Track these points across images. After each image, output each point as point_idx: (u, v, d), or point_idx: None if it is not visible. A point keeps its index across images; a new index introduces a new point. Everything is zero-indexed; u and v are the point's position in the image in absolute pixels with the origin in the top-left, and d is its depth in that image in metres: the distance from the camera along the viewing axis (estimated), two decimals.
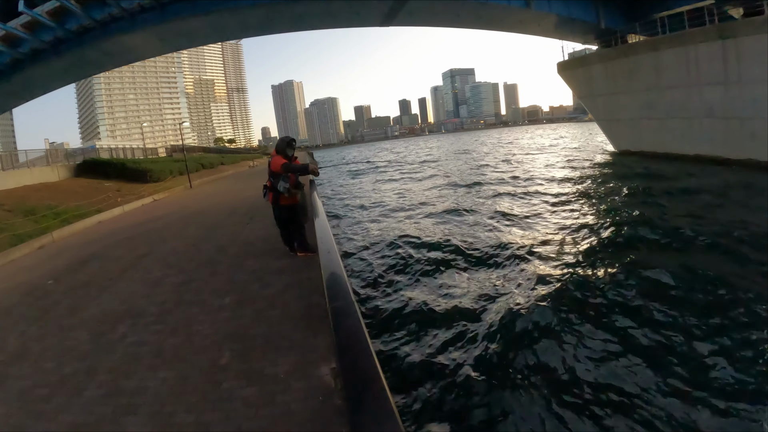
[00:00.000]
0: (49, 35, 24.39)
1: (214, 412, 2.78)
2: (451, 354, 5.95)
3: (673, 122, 24.42)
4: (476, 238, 11.89)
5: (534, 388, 4.96)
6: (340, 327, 1.10)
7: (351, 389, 0.86)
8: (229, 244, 8.09)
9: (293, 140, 6.11)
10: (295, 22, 29.10)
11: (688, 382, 4.80)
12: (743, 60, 19.29)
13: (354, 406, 0.82)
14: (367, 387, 0.86)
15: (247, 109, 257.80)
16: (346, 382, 0.90)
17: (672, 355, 5.39)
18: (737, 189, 15.23)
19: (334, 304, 1.18)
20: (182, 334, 4.15)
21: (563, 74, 33.59)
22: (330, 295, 1.24)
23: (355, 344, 1.00)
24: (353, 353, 1.00)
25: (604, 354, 5.53)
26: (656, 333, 5.95)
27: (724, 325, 5.97)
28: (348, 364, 0.95)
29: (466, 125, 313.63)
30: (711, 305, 6.59)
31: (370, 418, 0.77)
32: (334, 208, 20.61)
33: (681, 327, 6.05)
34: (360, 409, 0.81)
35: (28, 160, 23.57)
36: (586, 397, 4.71)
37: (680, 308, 6.53)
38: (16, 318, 5.50)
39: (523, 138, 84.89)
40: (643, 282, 7.73)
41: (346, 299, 1.27)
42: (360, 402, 0.81)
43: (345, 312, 1.19)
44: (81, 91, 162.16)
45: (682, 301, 6.85)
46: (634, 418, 4.34)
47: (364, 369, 0.92)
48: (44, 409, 3.17)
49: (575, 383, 5.00)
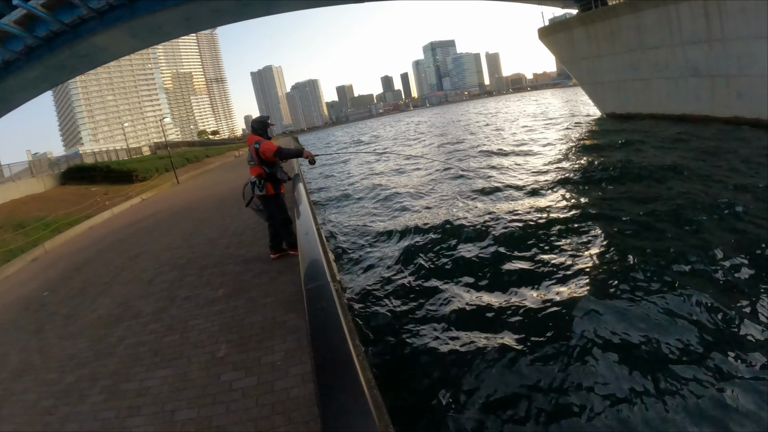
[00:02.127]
0: (19, 44, 23.72)
1: (214, 405, 2.83)
2: (440, 334, 5.84)
3: (658, 82, 24.36)
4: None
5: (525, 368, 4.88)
6: (313, 310, 1.09)
7: (321, 374, 0.85)
8: (219, 236, 8.11)
9: (268, 117, 5.49)
10: (269, 6, 28.56)
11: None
12: (726, 17, 19.09)
13: (324, 393, 0.82)
14: (341, 373, 0.85)
15: (228, 99, 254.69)
16: (317, 368, 0.89)
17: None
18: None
19: (308, 286, 1.18)
20: (178, 330, 4.19)
21: (545, 40, 33.24)
22: (306, 277, 1.23)
23: (327, 327, 0.99)
24: (325, 337, 0.99)
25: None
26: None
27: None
28: (319, 347, 0.94)
29: (450, 98, 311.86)
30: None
31: (340, 407, 0.76)
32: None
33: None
34: (331, 396, 0.80)
35: (12, 174, 23.15)
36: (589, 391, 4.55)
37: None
38: (16, 333, 5.51)
39: (509, 107, 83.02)
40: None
41: (322, 280, 1.27)
42: (330, 388, 0.81)
43: (319, 294, 1.18)
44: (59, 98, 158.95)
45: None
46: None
47: (336, 352, 0.91)
48: (50, 420, 3.20)
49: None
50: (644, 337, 5.03)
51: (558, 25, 32.28)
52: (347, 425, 0.69)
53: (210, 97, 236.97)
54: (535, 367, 4.81)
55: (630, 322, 5.36)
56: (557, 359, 4.87)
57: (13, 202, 18.90)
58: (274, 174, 5.13)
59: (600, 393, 4.31)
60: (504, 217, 10.44)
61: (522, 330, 5.59)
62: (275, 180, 5.16)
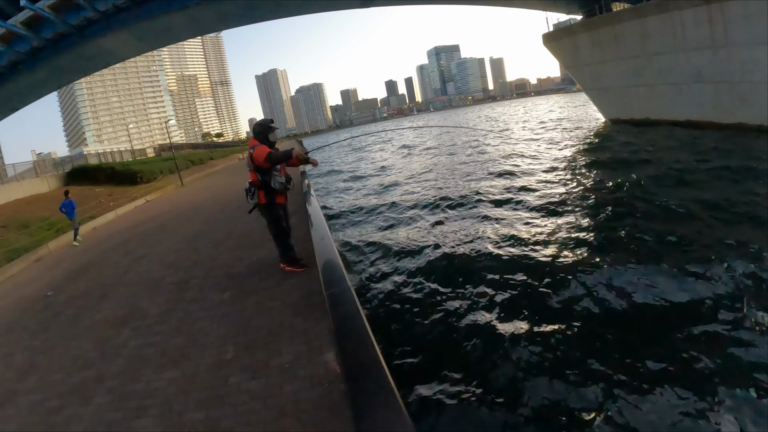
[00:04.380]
0: (26, 45, 23.84)
1: (223, 407, 2.83)
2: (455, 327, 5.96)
3: (662, 88, 24.39)
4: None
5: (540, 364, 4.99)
6: (337, 314, 1.07)
7: (351, 376, 0.84)
8: (224, 238, 8.11)
9: (272, 121, 5.05)
10: (275, 10, 28.61)
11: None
12: (729, 24, 19.14)
13: (355, 392, 0.80)
14: (368, 372, 0.85)
15: (232, 102, 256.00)
16: (346, 369, 0.87)
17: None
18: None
19: (329, 291, 1.15)
20: (185, 332, 4.18)
21: (549, 45, 33.33)
22: (325, 281, 1.20)
23: (352, 330, 0.97)
24: (351, 339, 0.97)
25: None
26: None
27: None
28: (347, 350, 0.92)
29: (454, 102, 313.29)
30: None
31: (371, 403, 0.75)
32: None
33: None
34: (361, 395, 0.79)
35: (17, 174, 23.28)
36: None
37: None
38: (20, 333, 5.47)
39: (516, 113, 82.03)
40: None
41: (342, 285, 1.24)
42: (360, 388, 0.80)
43: (341, 299, 1.16)
44: (63, 99, 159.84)
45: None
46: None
47: (364, 354, 0.89)
48: (56, 420, 3.18)
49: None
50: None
51: (562, 31, 32.38)
52: (383, 424, 0.69)
53: (214, 99, 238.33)
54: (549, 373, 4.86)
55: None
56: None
57: (17, 202, 18.98)
58: (267, 182, 4.79)
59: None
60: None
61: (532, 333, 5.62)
62: (268, 188, 4.83)
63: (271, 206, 4.92)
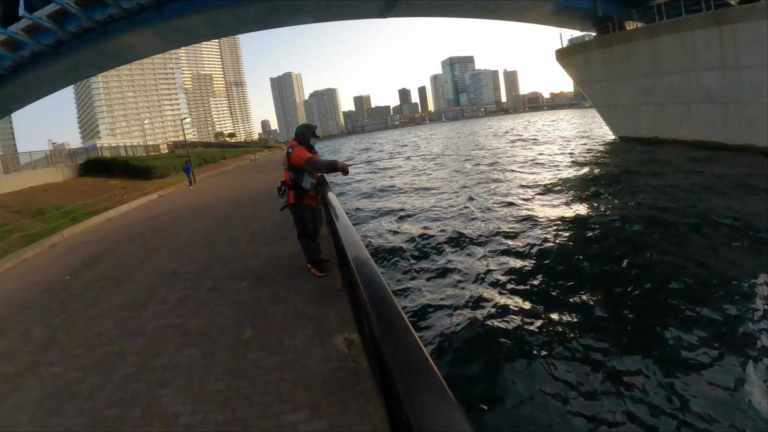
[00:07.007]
0: (50, 38, 24.60)
1: (242, 379, 3.07)
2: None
3: (671, 107, 24.55)
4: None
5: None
6: (380, 314, 1.15)
7: (404, 380, 0.89)
8: (239, 234, 8.32)
9: (316, 128, 5.12)
10: (294, 16, 29.21)
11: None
12: (740, 46, 19.39)
13: (410, 389, 0.85)
14: (422, 376, 0.92)
15: (246, 103, 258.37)
16: (397, 373, 0.94)
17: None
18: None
19: (367, 290, 1.23)
20: (204, 316, 4.40)
21: (562, 61, 33.62)
22: (363, 282, 1.29)
23: (401, 332, 1.05)
24: (399, 336, 1.05)
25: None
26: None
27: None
28: (396, 354, 0.97)
29: (466, 113, 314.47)
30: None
31: (429, 408, 0.80)
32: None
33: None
34: (415, 389, 0.86)
35: (32, 162, 23.81)
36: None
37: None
38: (38, 312, 5.55)
39: (528, 128, 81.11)
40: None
41: (377, 281, 1.34)
42: (419, 391, 0.86)
43: (381, 297, 1.24)
44: (79, 91, 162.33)
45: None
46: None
47: (414, 357, 0.96)
48: (80, 389, 3.31)
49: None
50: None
51: (575, 48, 32.65)
52: (442, 425, 0.79)
53: (228, 99, 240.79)
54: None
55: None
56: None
57: (31, 189, 19.29)
58: (298, 182, 4.89)
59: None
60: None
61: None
62: (298, 189, 4.94)
63: (298, 206, 5.00)
